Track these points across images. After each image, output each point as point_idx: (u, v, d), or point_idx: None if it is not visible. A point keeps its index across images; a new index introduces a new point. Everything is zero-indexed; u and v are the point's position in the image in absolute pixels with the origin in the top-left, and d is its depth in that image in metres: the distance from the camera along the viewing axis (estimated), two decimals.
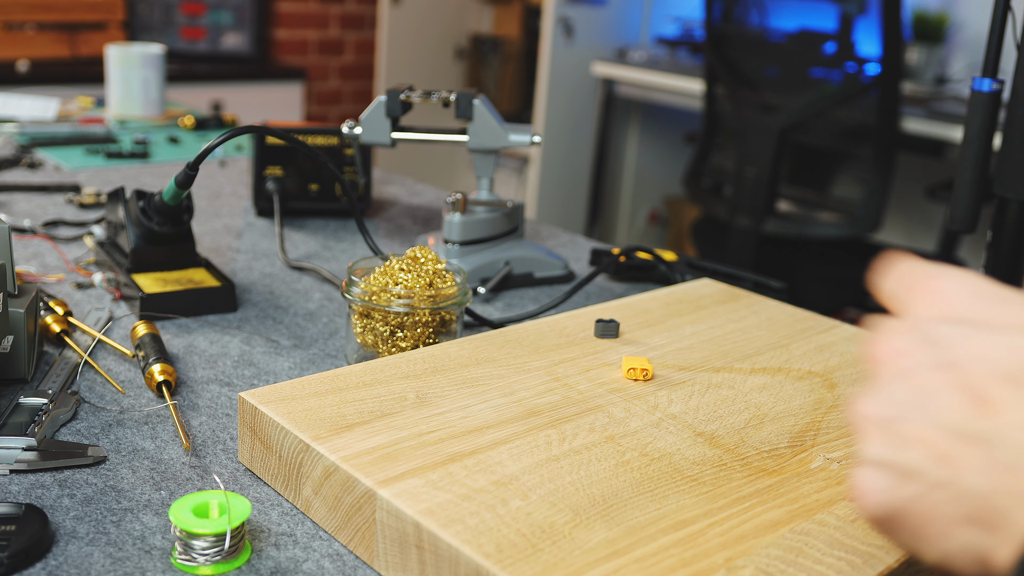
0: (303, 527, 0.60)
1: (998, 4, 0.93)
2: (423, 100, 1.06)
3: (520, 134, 1.05)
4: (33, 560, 0.54)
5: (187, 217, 0.95)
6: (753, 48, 2.60)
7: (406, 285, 0.78)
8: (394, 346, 0.79)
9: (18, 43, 3.34)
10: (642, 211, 3.90)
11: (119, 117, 1.90)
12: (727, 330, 0.84)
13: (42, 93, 2.15)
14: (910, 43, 2.90)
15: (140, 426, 0.71)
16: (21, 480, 0.62)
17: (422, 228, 1.29)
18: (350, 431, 0.61)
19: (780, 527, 0.54)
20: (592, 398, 0.68)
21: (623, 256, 1.07)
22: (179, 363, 0.82)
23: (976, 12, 2.98)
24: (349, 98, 4.22)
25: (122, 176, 1.47)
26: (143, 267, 0.94)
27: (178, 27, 3.61)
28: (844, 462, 0.62)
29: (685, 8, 3.72)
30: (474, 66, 4.38)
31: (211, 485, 0.64)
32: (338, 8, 4.08)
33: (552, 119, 3.62)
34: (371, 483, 0.55)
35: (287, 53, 3.97)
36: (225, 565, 0.55)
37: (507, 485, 0.56)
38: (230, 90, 3.43)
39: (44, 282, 0.98)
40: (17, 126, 1.76)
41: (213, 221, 1.25)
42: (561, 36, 3.56)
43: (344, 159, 1.27)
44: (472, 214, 1.05)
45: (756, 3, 2.62)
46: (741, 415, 0.68)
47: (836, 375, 0.76)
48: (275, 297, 0.99)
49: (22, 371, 0.74)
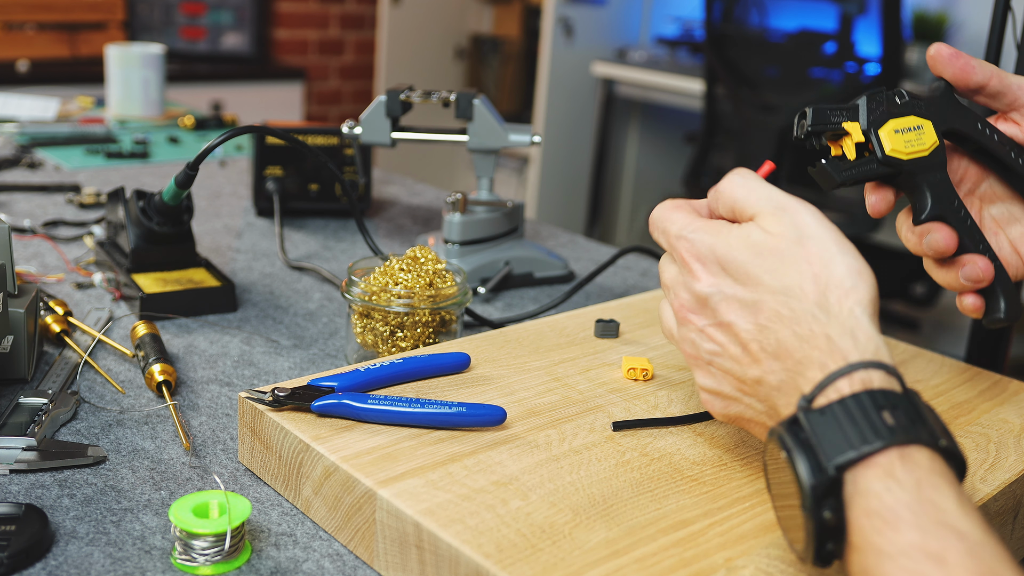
0: (303, 527, 0.60)
1: (998, 4, 0.93)
2: (423, 100, 1.06)
3: (520, 134, 1.05)
4: (33, 560, 0.54)
5: (187, 217, 0.95)
6: (753, 48, 2.60)
7: (406, 285, 0.78)
8: (394, 346, 0.79)
9: (18, 43, 3.34)
10: (642, 211, 3.90)
11: (119, 117, 1.90)
12: None
13: (42, 93, 2.15)
14: (910, 43, 2.91)
15: (140, 426, 0.71)
16: (21, 480, 0.62)
17: (422, 228, 1.29)
18: (350, 431, 0.61)
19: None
20: (592, 398, 0.68)
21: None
22: (179, 363, 0.82)
23: (976, 12, 2.98)
24: (349, 98, 4.22)
25: (122, 176, 1.47)
26: (143, 267, 0.94)
27: (178, 27, 3.61)
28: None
29: (685, 8, 3.72)
30: (474, 66, 4.38)
31: (211, 485, 0.64)
32: (338, 8, 4.08)
33: (552, 119, 3.63)
34: (371, 483, 0.55)
35: (287, 53, 3.97)
36: (225, 565, 0.55)
37: (507, 485, 0.56)
38: (230, 90, 3.43)
39: (44, 282, 0.98)
40: (17, 126, 1.76)
41: (213, 221, 1.25)
42: (561, 36, 3.56)
43: (344, 159, 1.27)
44: (472, 214, 1.05)
45: (756, 3, 2.62)
46: None
47: None
48: (275, 297, 0.99)
49: (22, 371, 0.74)
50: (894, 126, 0.65)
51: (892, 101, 0.65)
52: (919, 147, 0.65)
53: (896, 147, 0.64)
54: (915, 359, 0.80)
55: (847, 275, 0.49)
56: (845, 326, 0.48)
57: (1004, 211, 0.70)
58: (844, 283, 0.49)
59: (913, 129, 0.65)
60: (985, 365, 0.86)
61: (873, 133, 0.64)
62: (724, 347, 0.53)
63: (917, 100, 0.66)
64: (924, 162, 0.65)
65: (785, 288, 0.50)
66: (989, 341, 0.99)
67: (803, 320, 0.49)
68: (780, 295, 0.50)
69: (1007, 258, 0.69)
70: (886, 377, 0.47)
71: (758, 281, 0.51)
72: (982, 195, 0.70)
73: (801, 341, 0.49)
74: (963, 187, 0.70)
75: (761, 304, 0.50)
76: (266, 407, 0.63)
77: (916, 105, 0.66)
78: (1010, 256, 0.69)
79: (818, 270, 0.49)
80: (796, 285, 0.50)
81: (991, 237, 0.70)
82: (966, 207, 0.67)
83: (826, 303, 0.49)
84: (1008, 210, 0.69)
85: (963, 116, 0.67)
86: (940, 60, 0.66)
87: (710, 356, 0.54)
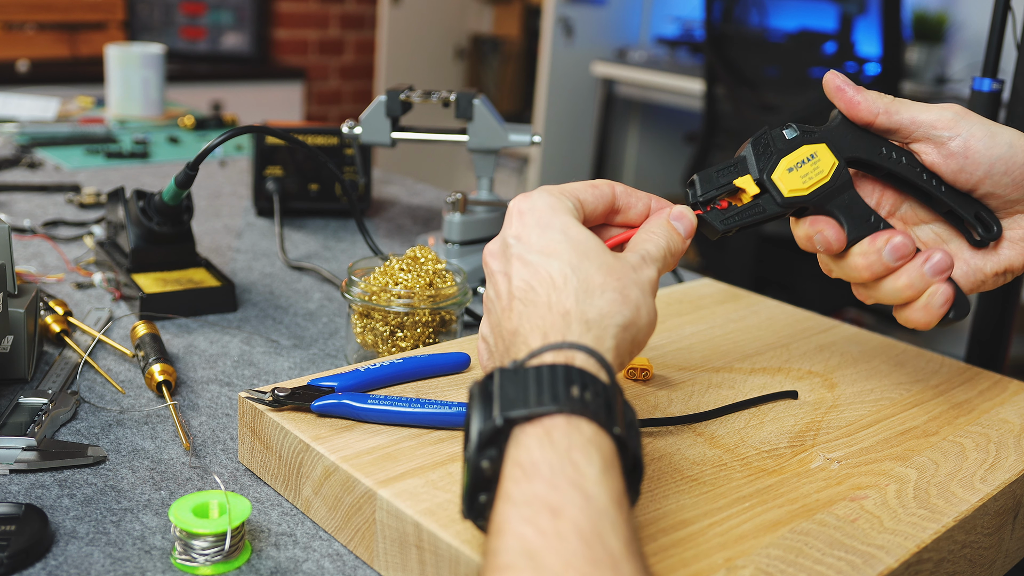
0: (303, 527, 0.60)
1: (998, 4, 0.93)
2: (423, 100, 1.06)
3: (520, 134, 1.05)
4: (33, 560, 0.54)
5: (187, 217, 0.95)
6: (753, 48, 2.60)
7: (406, 285, 0.78)
8: (394, 346, 0.79)
9: (18, 43, 3.34)
10: None
11: (119, 117, 1.90)
12: (727, 330, 0.84)
13: (42, 93, 2.15)
14: (910, 43, 2.90)
15: (140, 426, 0.71)
16: (21, 480, 0.62)
17: (422, 228, 1.29)
18: (350, 431, 0.61)
19: (780, 527, 0.54)
20: None
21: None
22: (179, 363, 0.82)
23: (976, 12, 2.98)
24: (349, 98, 4.22)
25: (122, 176, 1.47)
26: (143, 267, 0.94)
27: (178, 27, 3.61)
28: (844, 462, 0.62)
29: (685, 8, 3.72)
30: (474, 66, 4.38)
31: (211, 485, 0.64)
32: (338, 8, 4.08)
33: (552, 119, 3.62)
34: (371, 483, 0.55)
35: (287, 53, 3.97)
36: (225, 565, 0.55)
37: None
38: (230, 90, 3.43)
39: (44, 282, 0.98)
40: (17, 126, 1.76)
41: (213, 221, 1.25)
42: (561, 36, 3.56)
43: (344, 159, 1.27)
44: (472, 214, 1.05)
45: (756, 3, 2.62)
46: (741, 415, 0.68)
47: (836, 375, 0.76)
48: (275, 297, 0.99)
49: (22, 371, 0.74)
50: (787, 164, 0.63)
51: (781, 138, 0.63)
52: (818, 177, 0.63)
53: (793, 186, 0.62)
54: (915, 359, 0.80)
55: (631, 302, 0.52)
56: (586, 318, 0.50)
57: (931, 234, 0.67)
58: (627, 301, 0.52)
59: (807, 160, 0.63)
60: (985, 365, 0.86)
61: (768, 181, 0.63)
62: (499, 296, 0.55)
63: (810, 131, 0.63)
64: (827, 188, 0.63)
65: (574, 267, 0.52)
66: (989, 341, 0.99)
67: (564, 296, 0.51)
68: (568, 269, 0.52)
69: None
70: (593, 363, 0.48)
71: (559, 254, 0.53)
72: (904, 217, 0.67)
73: (547, 309, 0.51)
74: (881, 211, 0.67)
75: (540, 268, 0.52)
76: (266, 407, 0.63)
77: (808, 134, 0.63)
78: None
79: (617, 281, 0.52)
80: (588, 276, 0.52)
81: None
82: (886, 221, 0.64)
83: (592, 298, 0.51)
84: (935, 232, 0.67)
85: (864, 143, 0.64)
86: (828, 91, 0.64)
87: (489, 303, 0.56)
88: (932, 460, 0.63)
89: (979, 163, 0.62)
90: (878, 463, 0.62)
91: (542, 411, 0.45)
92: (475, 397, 0.47)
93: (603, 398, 0.46)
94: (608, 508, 0.42)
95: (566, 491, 0.42)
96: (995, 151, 0.62)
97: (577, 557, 0.40)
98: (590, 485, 0.42)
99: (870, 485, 0.59)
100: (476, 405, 0.47)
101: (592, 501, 0.42)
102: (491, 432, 0.45)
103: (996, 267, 0.65)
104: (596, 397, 0.46)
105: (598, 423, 0.45)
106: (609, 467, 0.44)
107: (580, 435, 0.44)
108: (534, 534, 0.41)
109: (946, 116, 0.62)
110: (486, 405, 0.47)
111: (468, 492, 0.46)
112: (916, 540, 0.54)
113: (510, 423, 0.45)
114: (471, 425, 0.46)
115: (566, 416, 0.45)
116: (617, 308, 0.51)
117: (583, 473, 0.43)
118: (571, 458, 0.43)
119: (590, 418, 0.45)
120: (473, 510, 0.47)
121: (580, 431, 0.44)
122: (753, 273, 2.54)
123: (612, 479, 0.44)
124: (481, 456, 0.46)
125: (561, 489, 0.42)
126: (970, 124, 0.62)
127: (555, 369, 0.47)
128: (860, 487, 0.59)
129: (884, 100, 0.63)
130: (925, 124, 0.62)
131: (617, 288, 0.52)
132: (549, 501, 0.42)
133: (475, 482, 0.46)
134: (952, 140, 0.62)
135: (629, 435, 0.46)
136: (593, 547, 0.40)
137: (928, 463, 0.63)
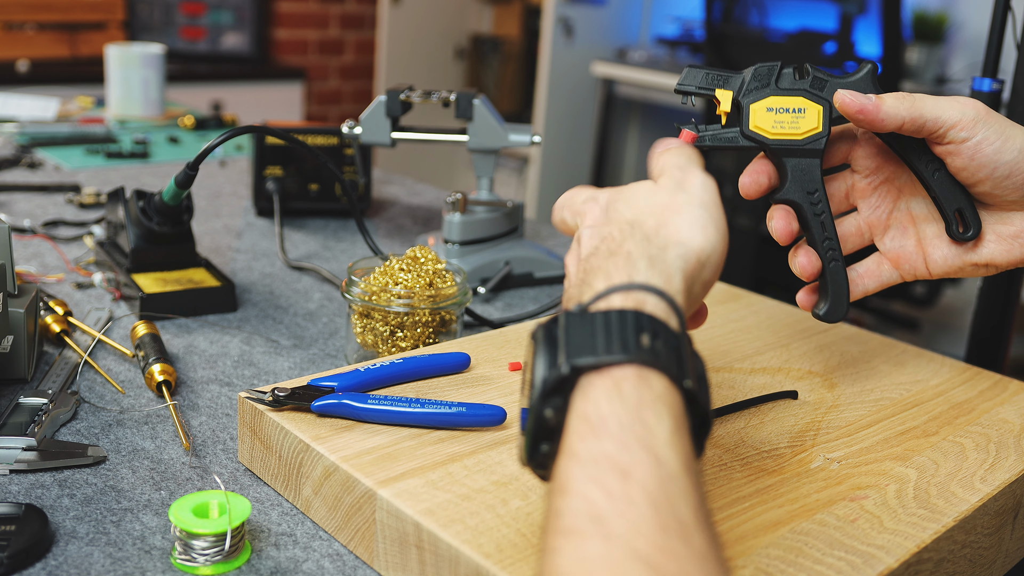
0: (303, 527, 0.60)
1: (998, 4, 0.93)
2: (423, 100, 1.06)
3: (520, 134, 1.05)
4: (33, 560, 0.54)
5: (187, 217, 0.95)
6: (753, 48, 2.60)
7: (406, 285, 0.78)
8: (394, 346, 0.79)
9: (18, 43, 3.34)
10: None
11: (119, 117, 1.90)
12: (727, 330, 0.84)
13: (42, 93, 2.15)
14: (910, 43, 2.90)
15: (140, 426, 0.71)
16: (21, 480, 0.62)
17: (422, 228, 1.29)
18: (350, 431, 0.61)
19: (780, 527, 0.54)
20: None
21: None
22: (179, 363, 0.82)
23: (976, 12, 2.98)
24: (349, 98, 4.22)
25: (122, 176, 1.47)
26: (143, 267, 0.94)
27: (178, 27, 3.61)
28: (844, 462, 0.62)
29: (685, 8, 3.72)
30: (474, 66, 4.38)
31: (211, 485, 0.64)
32: (338, 8, 4.08)
33: (552, 119, 3.62)
34: (371, 483, 0.55)
35: (287, 53, 3.97)
36: (225, 565, 0.55)
37: (507, 485, 0.56)
38: (230, 90, 3.43)
39: (44, 282, 0.98)
40: (17, 126, 1.76)
41: (213, 221, 1.25)
42: (561, 36, 3.56)
43: (344, 159, 1.27)
44: (472, 214, 1.05)
45: (756, 3, 2.62)
46: (741, 415, 0.68)
47: (836, 375, 0.76)
48: (275, 297, 0.99)
49: (22, 371, 0.74)
50: (771, 103, 0.63)
51: (785, 79, 0.63)
52: (791, 131, 0.63)
53: (761, 124, 0.63)
54: (915, 359, 0.80)
55: (687, 226, 0.50)
56: (648, 253, 0.49)
57: (926, 210, 0.68)
58: (680, 230, 0.50)
59: (792, 111, 0.63)
60: (985, 365, 0.86)
61: (744, 106, 0.62)
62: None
63: (816, 91, 0.63)
64: (793, 146, 0.63)
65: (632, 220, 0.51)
66: (989, 341, 0.99)
67: (625, 240, 0.50)
68: (625, 224, 0.51)
69: (906, 256, 0.68)
70: (664, 307, 0.46)
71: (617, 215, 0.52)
72: (902, 186, 0.69)
73: (610, 255, 0.49)
74: (880, 173, 0.68)
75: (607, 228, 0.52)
76: (266, 407, 0.63)
77: (812, 93, 0.63)
78: (911, 254, 0.68)
79: (667, 214, 0.51)
80: (641, 218, 0.51)
81: (900, 230, 0.68)
82: (828, 202, 0.65)
83: (651, 235, 0.50)
84: (930, 210, 0.68)
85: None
86: (848, 113, 0.63)
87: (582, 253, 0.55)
88: (932, 460, 0.63)
89: (984, 166, 0.63)
90: (878, 463, 0.62)
91: (610, 360, 0.42)
92: (540, 341, 0.45)
93: (672, 345, 0.44)
94: (679, 473, 0.40)
95: (636, 452, 0.40)
96: (1003, 157, 0.62)
97: (647, 524, 0.37)
98: (660, 447, 0.40)
99: (870, 485, 0.59)
100: (541, 350, 0.44)
101: (663, 465, 0.40)
102: (556, 380, 0.43)
103: (976, 259, 0.66)
104: (666, 345, 0.44)
105: (669, 376, 0.43)
106: (679, 426, 0.42)
107: (649, 389, 0.42)
108: (602, 497, 0.38)
109: (968, 116, 0.62)
110: (551, 350, 0.44)
111: (531, 441, 0.44)
112: (916, 540, 0.54)
113: (577, 371, 0.43)
114: (535, 371, 0.44)
115: (636, 368, 0.42)
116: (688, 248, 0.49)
117: (653, 432, 0.41)
118: (640, 415, 0.41)
119: (661, 371, 0.43)
120: (534, 459, 0.45)
121: (650, 385, 0.42)
122: (753, 273, 2.54)
123: (682, 440, 0.41)
124: (545, 404, 0.43)
125: (631, 449, 0.40)
126: (987, 128, 0.62)
127: (624, 315, 0.44)
128: (860, 487, 0.59)
129: (904, 105, 0.63)
130: (947, 124, 0.63)
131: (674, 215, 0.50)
132: (618, 462, 0.39)
133: (537, 431, 0.44)
134: (965, 141, 0.63)
135: (700, 389, 0.44)
136: (663, 514, 0.38)
137: (928, 463, 0.63)
